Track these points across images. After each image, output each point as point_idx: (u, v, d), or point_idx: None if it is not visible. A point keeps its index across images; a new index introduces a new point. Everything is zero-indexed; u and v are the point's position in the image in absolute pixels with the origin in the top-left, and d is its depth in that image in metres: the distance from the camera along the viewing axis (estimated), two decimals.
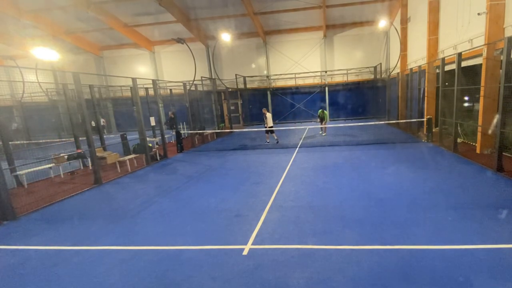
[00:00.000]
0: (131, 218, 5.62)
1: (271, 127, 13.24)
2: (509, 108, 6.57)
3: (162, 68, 24.49)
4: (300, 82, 23.09)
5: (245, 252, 4.04)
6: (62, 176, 9.54)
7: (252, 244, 4.25)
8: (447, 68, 10.42)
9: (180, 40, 15.91)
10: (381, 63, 21.63)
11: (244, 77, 22.84)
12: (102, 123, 22.96)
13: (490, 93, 8.20)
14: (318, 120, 15.84)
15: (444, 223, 4.49)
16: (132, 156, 10.53)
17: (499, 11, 8.04)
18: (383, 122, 16.13)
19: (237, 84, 22.23)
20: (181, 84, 14.16)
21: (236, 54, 23.16)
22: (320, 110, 15.19)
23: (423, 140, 11.67)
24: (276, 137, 13.47)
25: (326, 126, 15.44)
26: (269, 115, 13.25)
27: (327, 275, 3.42)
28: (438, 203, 5.30)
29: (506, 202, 5.13)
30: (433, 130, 11.75)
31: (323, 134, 15.45)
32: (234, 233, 4.67)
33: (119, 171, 9.83)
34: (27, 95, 20.22)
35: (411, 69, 14.53)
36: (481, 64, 8.57)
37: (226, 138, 16.90)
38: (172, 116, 16.86)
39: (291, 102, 23.33)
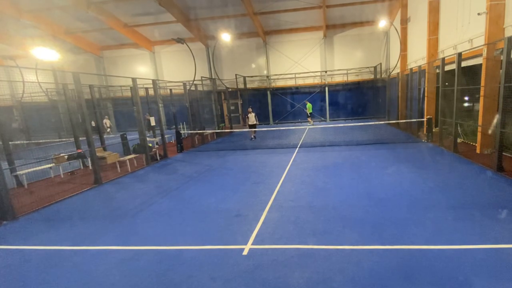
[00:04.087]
0: (131, 218, 5.62)
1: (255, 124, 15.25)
2: (509, 108, 6.57)
3: (162, 68, 24.49)
4: (300, 82, 23.08)
5: (245, 252, 4.04)
6: (62, 176, 9.54)
7: (252, 244, 4.25)
8: (447, 68, 10.41)
9: (180, 40, 15.90)
10: (381, 63, 21.63)
11: (244, 77, 22.84)
12: (108, 125, 22.99)
13: (490, 93, 8.20)
14: (307, 112, 19.45)
15: (444, 223, 4.49)
16: (132, 156, 10.53)
17: (499, 11, 8.04)
18: (383, 122, 16.14)
19: (237, 84, 22.23)
20: (181, 84, 14.17)
21: (236, 54, 23.16)
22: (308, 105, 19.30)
23: (423, 140, 11.67)
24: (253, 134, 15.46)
25: (310, 118, 19.72)
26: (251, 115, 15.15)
27: (327, 275, 3.42)
28: (438, 203, 5.30)
29: (506, 202, 5.13)
30: (433, 130, 11.75)
31: (311, 124, 19.06)
32: (234, 233, 4.67)
33: (119, 171, 9.83)
34: (27, 95, 20.24)
35: (411, 69, 14.52)
36: (481, 64, 8.57)
37: (226, 138, 16.90)
38: (148, 118, 15.31)
39: (291, 102, 23.33)
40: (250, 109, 15.32)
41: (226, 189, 7.07)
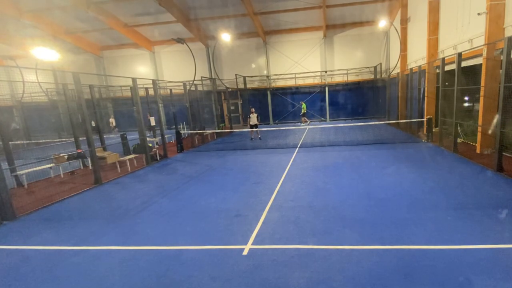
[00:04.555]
0: (131, 218, 5.62)
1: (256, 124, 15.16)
2: (509, 108, 6.57)
3: (162, 68, 24.50)
4: (300, 82, 23.09)
5: (245, 252, 4.04)
6: (62, 176, 9.54)
7: (252, 244, 4.25)
8: (447, 68, 10.41)
9: (180, 40, 15.89)
10: (381, 63, 21.64)
11: (244, 77, 22.84)
12: (112, 124, 23.40)
13: (490, 93, 8.20)
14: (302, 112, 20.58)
15: (444, 223, 4.49)
16: (132, 156, 10.53)
17: (499, 11, 8.04)
18: (383, 122, 16.15)
19: (237, 84, 22.23)
20: (181, 84, 14.17)
21: (236, 54, 23.16)
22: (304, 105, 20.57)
23: (423, 140, 11.67)
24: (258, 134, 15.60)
25: (305, 118, 20.73)
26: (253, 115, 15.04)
27: (327, 275, 3.42)
28: (438, 203, 5.30)
29: (506, 202, 5.13)
30: (433, 130, 11.75)
31: (308, 123, 19.77)
32: (234, 233, 4.67)
33: (119, 171, 9.82)
34: (27, 95, 20.24)
35: (411, 69, 14.52)
36: (481, 64, 8.57)
37: (226, 138, 16.90)
38: (149, 118, 15.04)
39: (291, 102, 23.33)
40: (252, 109, 15.40)
41: (226, 189, 7.07)
